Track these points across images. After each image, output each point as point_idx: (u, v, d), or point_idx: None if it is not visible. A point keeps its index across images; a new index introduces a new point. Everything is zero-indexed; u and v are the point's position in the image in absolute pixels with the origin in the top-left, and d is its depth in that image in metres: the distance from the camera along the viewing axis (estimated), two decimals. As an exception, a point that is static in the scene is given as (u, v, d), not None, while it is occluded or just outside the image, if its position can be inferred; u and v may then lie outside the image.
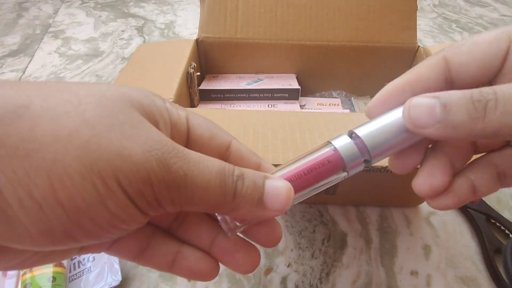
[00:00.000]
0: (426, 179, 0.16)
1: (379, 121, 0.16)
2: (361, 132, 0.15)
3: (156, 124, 0.13)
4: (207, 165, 0.13)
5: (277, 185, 0.14)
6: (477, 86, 0.13)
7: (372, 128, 0.15)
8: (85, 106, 0.11)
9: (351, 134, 0.16)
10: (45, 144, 0.10)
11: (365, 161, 0.16)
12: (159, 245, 0.16)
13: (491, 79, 0.15)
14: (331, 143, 0.16)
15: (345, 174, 0.16)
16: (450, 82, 0.15)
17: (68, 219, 0.11)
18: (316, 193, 0.16)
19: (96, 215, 0.11)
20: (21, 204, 0.10)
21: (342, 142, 0.16)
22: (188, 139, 0.16)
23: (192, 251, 0.16)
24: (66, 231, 0.11)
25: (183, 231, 0.17)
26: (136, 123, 0.12)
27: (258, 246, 0.17)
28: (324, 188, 0.16)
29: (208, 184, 0.13)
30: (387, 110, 0.16)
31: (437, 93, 0.13)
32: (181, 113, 0.15)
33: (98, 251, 0.15)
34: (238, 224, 0.16)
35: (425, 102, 0.13)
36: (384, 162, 0.23)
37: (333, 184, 0.16)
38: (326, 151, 0.16)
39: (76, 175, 0.10)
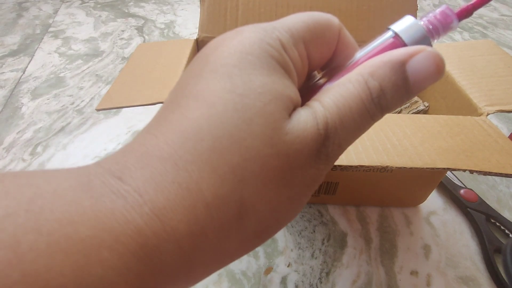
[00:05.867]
0: None
1: None
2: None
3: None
4: (347, 109, 0.13)
5: (423, 66, 0.13)
6: None
7: None
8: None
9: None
10: None
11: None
12: None
13: None
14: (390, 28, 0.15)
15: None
16: None
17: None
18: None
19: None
20: None
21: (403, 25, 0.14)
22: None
23: None
24: None
25: None
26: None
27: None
28: None
29: (355, 124, 0.13)
30: None
31: None
32: (300, 51, 0.14)
33: None
34: None
35: None
36: (384, 162, 0.23)
37: None
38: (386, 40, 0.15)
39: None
